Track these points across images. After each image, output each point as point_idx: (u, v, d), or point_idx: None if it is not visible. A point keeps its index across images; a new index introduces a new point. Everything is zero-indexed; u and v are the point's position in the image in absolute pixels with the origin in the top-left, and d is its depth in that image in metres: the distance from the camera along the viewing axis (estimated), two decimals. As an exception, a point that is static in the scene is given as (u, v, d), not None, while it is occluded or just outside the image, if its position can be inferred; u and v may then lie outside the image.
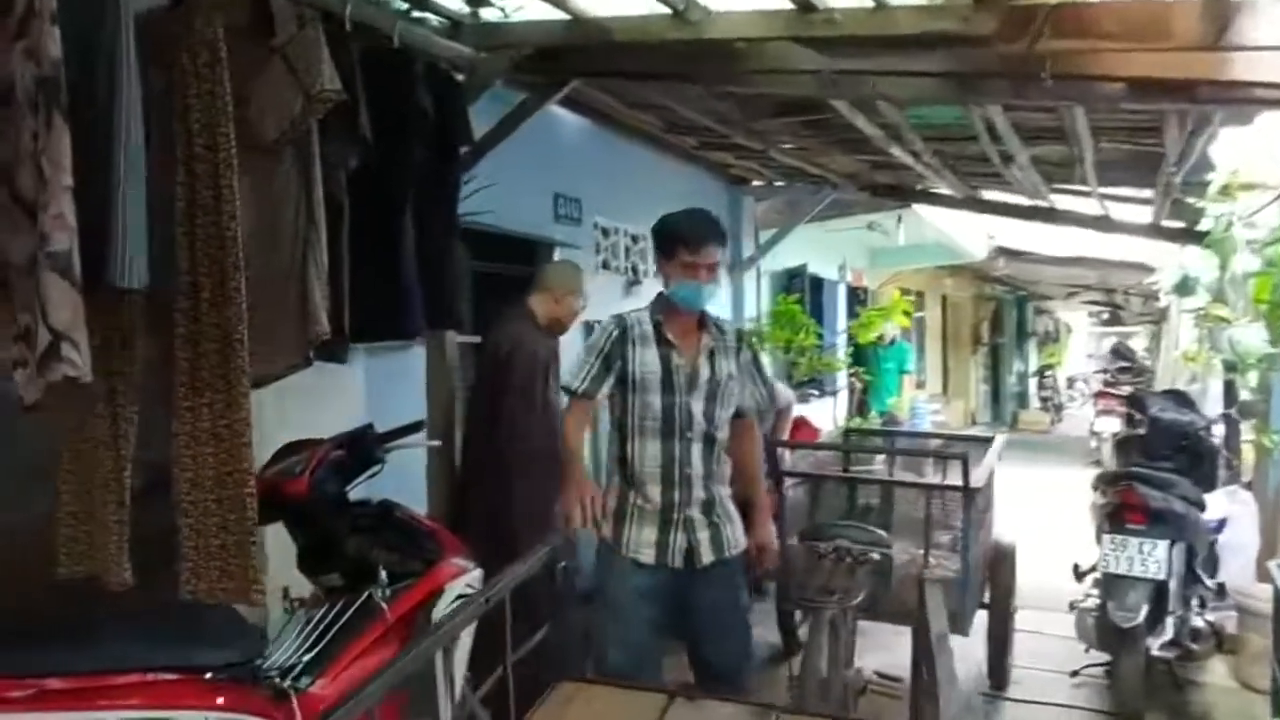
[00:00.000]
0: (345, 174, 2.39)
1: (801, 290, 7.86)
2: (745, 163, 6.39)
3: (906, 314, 7.34)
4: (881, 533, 3.06)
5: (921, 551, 3.50)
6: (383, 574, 2.60)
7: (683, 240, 2.62)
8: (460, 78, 2.97)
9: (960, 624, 3.43)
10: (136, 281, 1.68)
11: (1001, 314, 17.29)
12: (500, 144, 4.34)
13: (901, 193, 6.76)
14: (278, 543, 3.22)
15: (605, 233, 5.73)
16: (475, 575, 2.88)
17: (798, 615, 3.75)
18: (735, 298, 7.29)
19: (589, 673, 2.37)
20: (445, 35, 2.96)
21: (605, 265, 5.73)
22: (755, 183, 7.22)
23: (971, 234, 10.38)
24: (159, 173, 1.89)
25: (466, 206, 4.07)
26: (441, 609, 2.70)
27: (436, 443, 2.99)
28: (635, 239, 6.06)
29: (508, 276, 5.81)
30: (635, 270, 5.95)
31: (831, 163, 5.96)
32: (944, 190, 6.61)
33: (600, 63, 3.29)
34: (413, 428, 2.76)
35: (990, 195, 6.66)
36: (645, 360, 2.60)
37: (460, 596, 2.73)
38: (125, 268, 1.66)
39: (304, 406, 3.39)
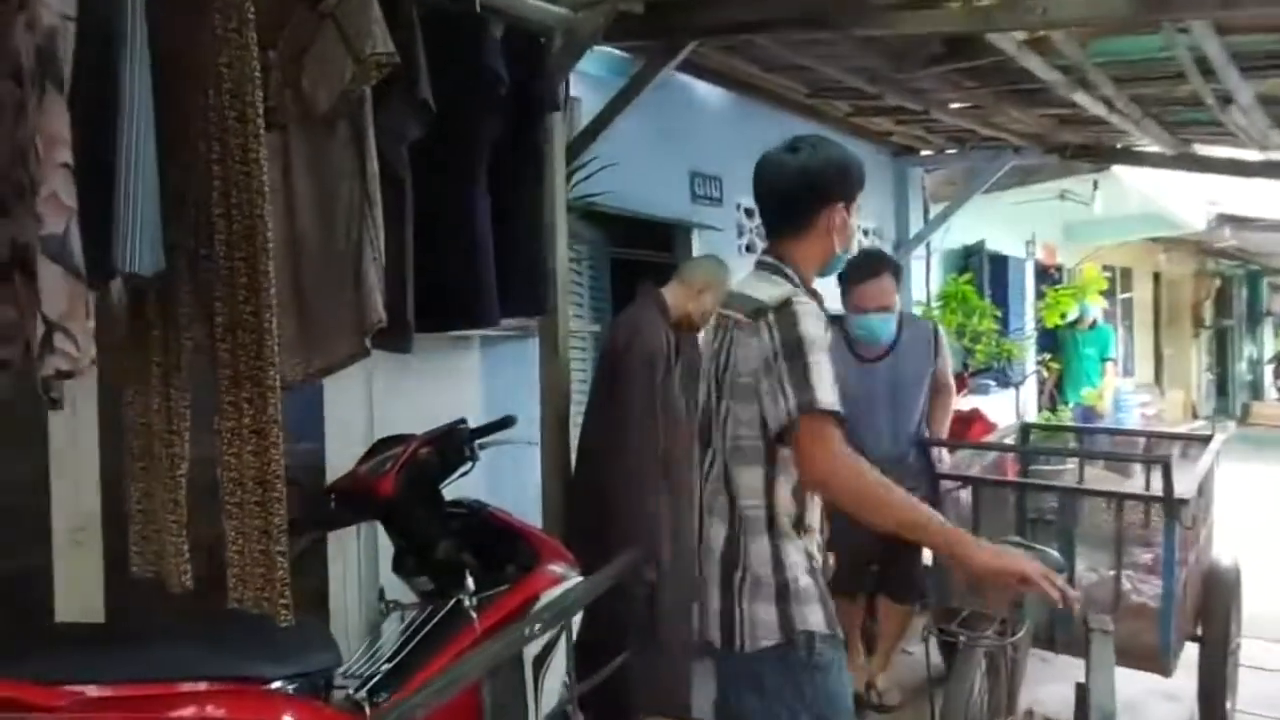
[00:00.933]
0: (406, 146, 2.18)
1: (979, 269, 7.09)
2: (909, 129, 5.78)
3: (1101, 292, 6.37)
4: (1052, 551, 2.42)
5: (1112, 573, 2.88)
6: (469, 580, 2.42)
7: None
8: (555, 40, 2.70)
9: (1162, 662, 2.85)
10: (143, 266, 1.53)
11: (1229, 292, 15.20)
12: (620, 119, 4.08)
13: (1098, 153, 5.89)
14: (368, 543, 3.14)
15: (750, 214, 5.33)
16: (573, 583, 2.65)
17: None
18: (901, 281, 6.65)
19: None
20: (534, -8, 2.70)
21: (749, 248, 5.34)
22: (924, 152, 6.56)
23: (1187, 200, 9.04)
24: (184, 147, 1.75)
25: (587, 187, 3.85)
26: (537, 619, 2.50)
27: (534, 442, 2.75)
28: (784, 218, 5.63)
29: (646, 263, 5.57)
30: (784, 252, 5.52)
31: (1008, 121, 5.25)
32: (1149, 148, 5.69)
33: (714, 16, 2.94)
34: (502, 424, 2.55)
35: (1207, 151, 5.67)
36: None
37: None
38: (130, 252, 1.51)
39: (417, 396, 3.31)
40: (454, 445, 2.55)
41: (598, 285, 4.67)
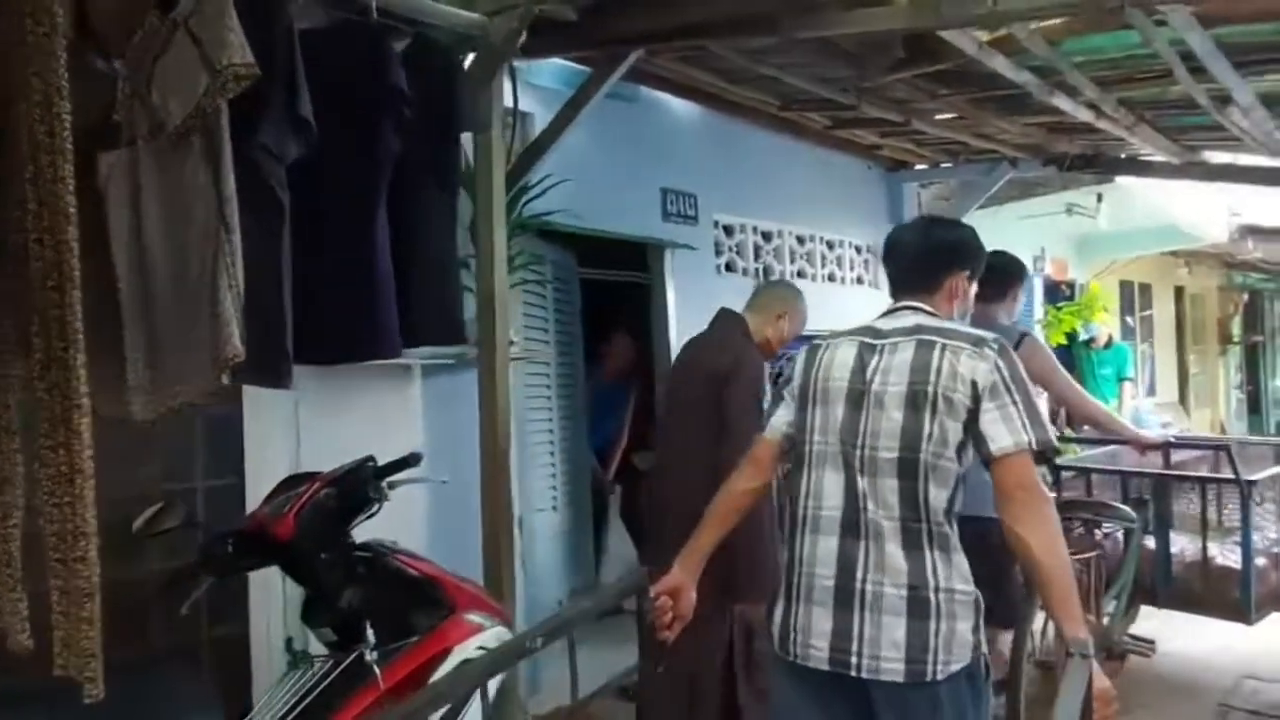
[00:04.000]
0: (289, 166, 2.00)
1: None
2: (897, 142, 5.55)
3: (1106, 309, 6.02)
4: (1125, 508, 3.30)
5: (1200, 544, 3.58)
6: (369, 632, 2.23)
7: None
8: (467, 53, 2.52)
9: (1244, 613, 3.46)
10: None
11: (1258, 306, 14.67)
12: (585, 135, 3.93)
13: (1099, 164, 5.60)
14: (294, 590, 2.92)
15: (728, 230, 5.12)
16: (493, 634, 2.45)
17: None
18: (897, 298, 6.40)
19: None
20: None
21: (729, 267, 5.12)
22: (917, 166, 6.32)
23: (1207, 211, 8.69)
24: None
25: (542, 205, 3.67)
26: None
27: (444, 479, 2.55)
28: (767, 236, 5.41)
29: (621, 284, 5.37)
30: (767, 273, 5.28)
31: (998, 132, 5.00)
32: (1154, 157, 5.41)
33: (654, 21, 2.75)
34: (405, 462, 2.35)
35: (1218, 158, 5.37)
36: None
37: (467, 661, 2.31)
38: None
39: (349, 430, 3.11)
40: (358, 485, 2.35)
41: (566, 308, 4.47)
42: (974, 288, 1.99)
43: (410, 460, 2.35)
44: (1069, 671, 1.50)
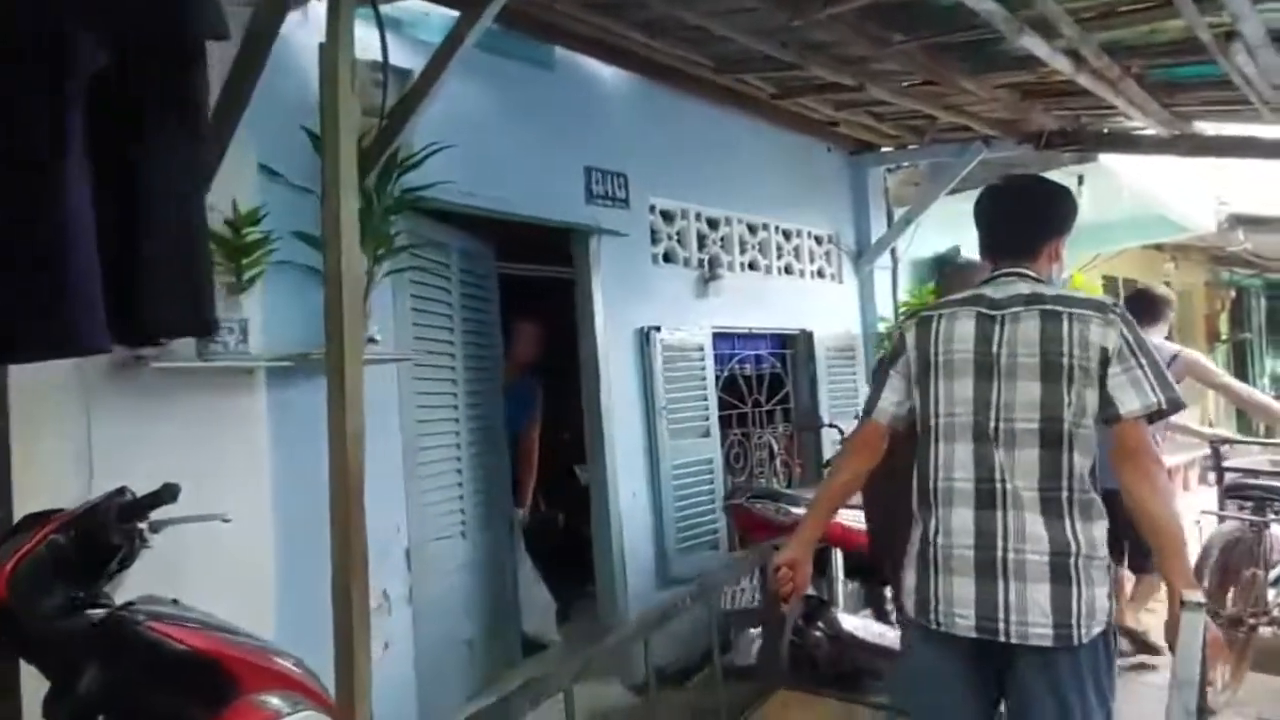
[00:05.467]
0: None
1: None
2: (855, 116, 4.99)
3: None
4: None
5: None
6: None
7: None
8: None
9: None
10: None
11: (1245, 303, 14.26)
12: (493, 104, 3.39)
13: (1079, 139, 5.06)
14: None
15: (667, 216, 4.54)
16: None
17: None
18: (862, 293, 5.83)
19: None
20: None
21: (668, 258, 4.54)
22: (884, 149, 5.77)
23: (1194, 199, 8.18)
24: None
25: (416, 178, 3.07)
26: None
27: (222, 515, 1.92)
28: (713, 224, 4.82)
29: (538, 279, 4.77)
30: (713, 264, 4.70)
31: (967, 101, 4.45)
32: (1141, 131, 4.88)
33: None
34: (158, 497, 1.73)
35: (1212, 129, 4.85)
36: None
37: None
38: None
39: (165, 449, 2.49)
40: (100, 527, 1.74)
41: (479, 304, 3.87)
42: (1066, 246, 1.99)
43: (164, 495, 1.74)
44: (1184, 623, 1.53)
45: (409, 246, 3.13)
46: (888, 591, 3.52)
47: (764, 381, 5.11)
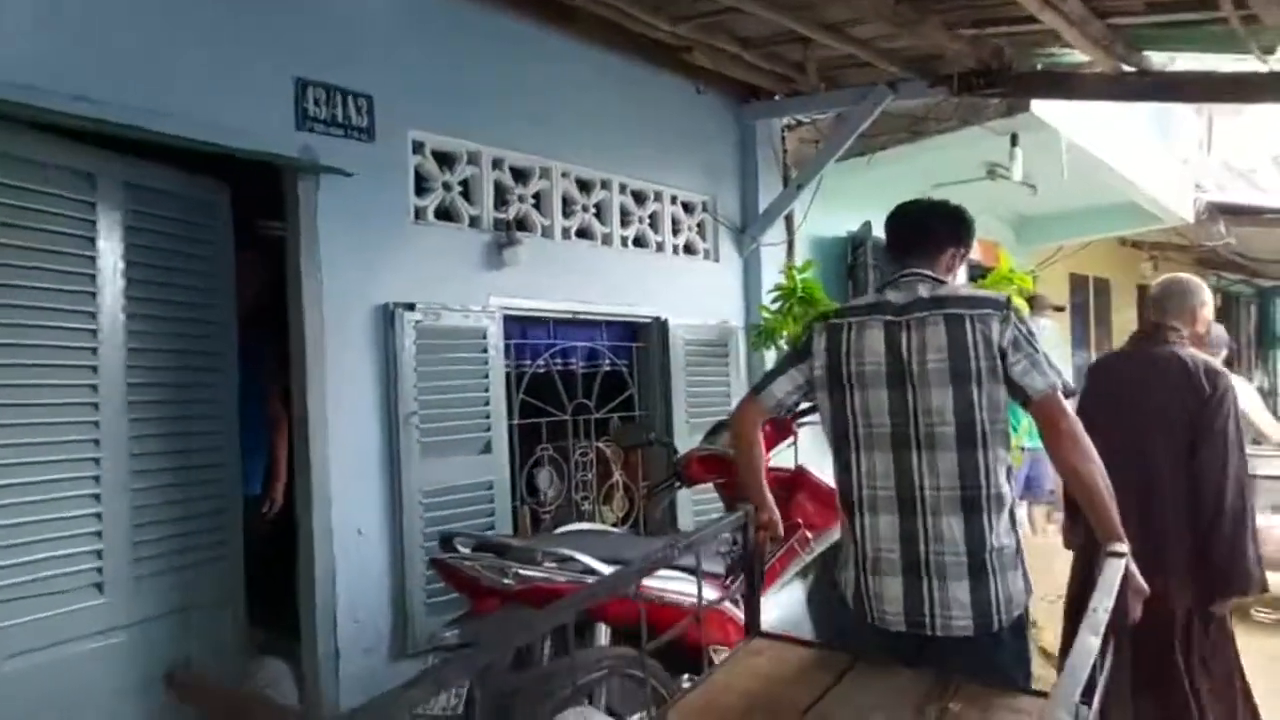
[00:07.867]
0: None
1: (864, 265, 5.14)
2: (701, 35, 3.85)
3: (1026, 289, 4.26)
4: None
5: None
6: None
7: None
8: None
9: None
10: None
11: (1232, 311, 13.19)
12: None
13: (1005, 80, 3.95)
14: None
15: (444, 159, 3.40)
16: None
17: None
18: (747, 275, 4.70)
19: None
20: None
21: (443, 214, 3.40)
22: (777, 97, 4.65)
23: (1171, 186, 7.08)
24: None
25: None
26: None
27: None
28: (523, 176, 3.68)
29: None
30: (519, 227, 3.56)
31: (851, 19, 3.36)
32: (1082, 65, 3.80)
33: None
34: None
35: (1171, 66, 3.76)
36: None
37: None
38: None
39: None
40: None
41: (185, 259, 2.73)
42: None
43: None
44: (1107, 569, 1.63)
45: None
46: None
47: (596, 382, 3.96)
